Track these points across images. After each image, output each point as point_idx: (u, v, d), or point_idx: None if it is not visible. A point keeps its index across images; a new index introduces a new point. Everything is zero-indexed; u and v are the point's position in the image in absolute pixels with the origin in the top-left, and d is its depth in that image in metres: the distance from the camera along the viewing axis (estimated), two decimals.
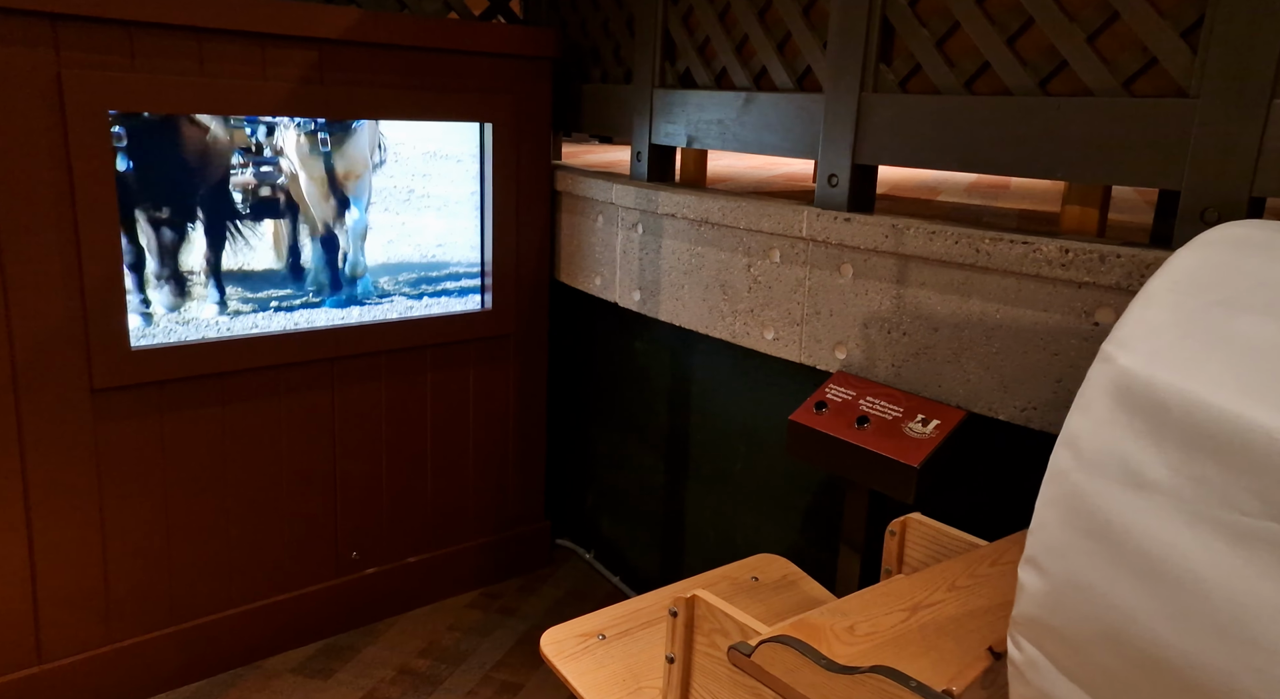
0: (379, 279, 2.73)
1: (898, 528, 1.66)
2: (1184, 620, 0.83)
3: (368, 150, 2.64)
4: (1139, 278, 1.51)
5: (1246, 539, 0.80)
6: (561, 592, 3.16)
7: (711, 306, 2.41)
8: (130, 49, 2.17)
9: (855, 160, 2.04)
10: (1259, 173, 1.43)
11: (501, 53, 2.76)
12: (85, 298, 2.20)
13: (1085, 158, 1.64)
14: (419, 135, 2.72)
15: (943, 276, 1.84)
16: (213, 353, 2.41)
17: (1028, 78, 1.72)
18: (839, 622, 1.23)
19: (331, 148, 2.57)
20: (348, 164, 2.62)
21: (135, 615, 2.46)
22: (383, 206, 2.69)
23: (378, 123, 2.62)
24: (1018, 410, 1.74)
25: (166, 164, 2.30)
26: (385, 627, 2.90)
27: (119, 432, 2.33)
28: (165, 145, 2.29)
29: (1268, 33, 1.39)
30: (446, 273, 2.86)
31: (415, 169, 2.74)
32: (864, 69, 1.99)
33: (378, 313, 2.73)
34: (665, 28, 2.59)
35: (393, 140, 2.67)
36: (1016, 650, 1.02)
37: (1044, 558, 0.96)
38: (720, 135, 2.43)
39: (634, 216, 2.66)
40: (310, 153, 2.54)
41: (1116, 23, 1.59)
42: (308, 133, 2.51)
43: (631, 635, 1.77)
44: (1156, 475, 0.87)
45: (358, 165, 2.63)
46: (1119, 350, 0.95)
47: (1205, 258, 1.00)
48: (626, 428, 3.09)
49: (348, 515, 2.79)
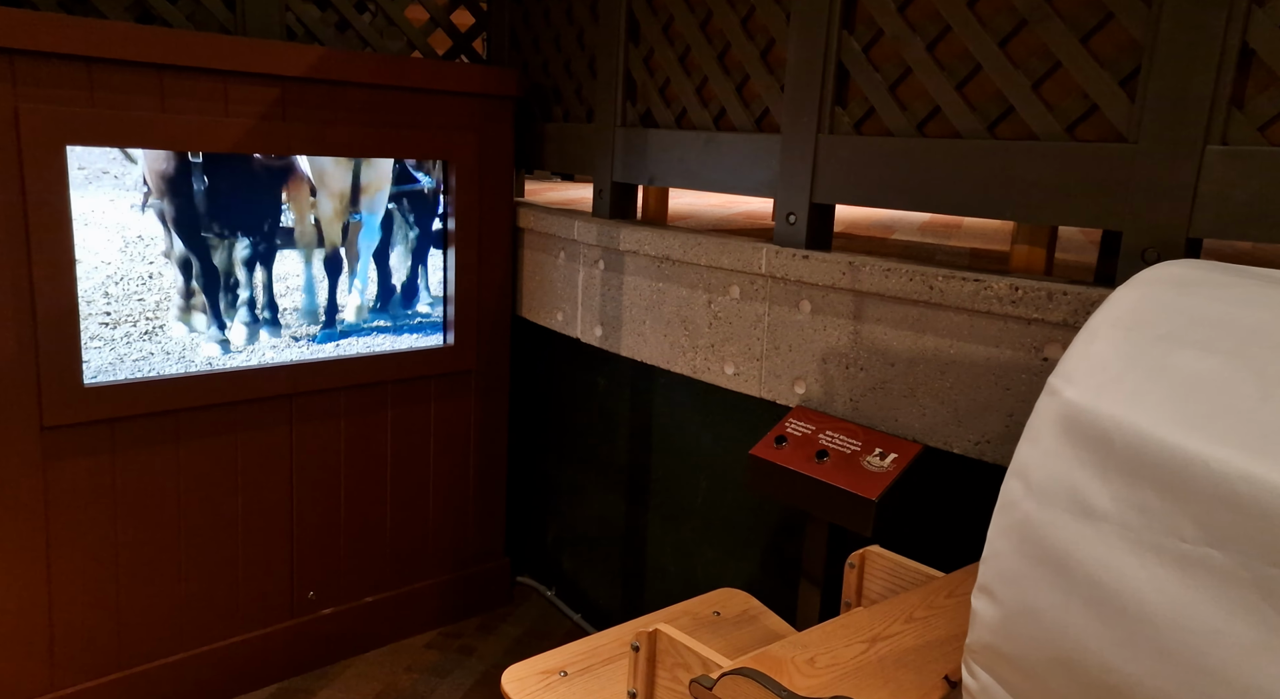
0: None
1: (857, 561, 1.68)
2: (1130, 645, 0.85)
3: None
4: (1085, 314, 1.56)
5: (1187, 565, 0.83)
6: (521, 630, 3.13)
7: (672, 342, 2.44)
8: (89, 84, 2.16)
9: (813, 199, 2.09)
10: (1195, 214, 1.49)
11: (464, 92, 2.79)
12: (38, 332, 2.16)
13: (1032, 199, 1.70)
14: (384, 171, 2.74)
15: (898, 313, 1.88)
16: (167, 389, 2.38)
17: (977, 122, 1.78)
18: (800, 654, 1.24)
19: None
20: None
21: (81, 660, 2.38)
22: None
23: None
24: (971, 444, 1.78)
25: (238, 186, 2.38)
26: (341, 669, 2.84)
27: (69, 471, 2.28)
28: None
29: (1201, 81, 1.46)
30: (415, 310, 2.87)
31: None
32: (820, 111, 2.05)
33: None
34: (627, 69, 2.64)
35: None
36: (971, 678, 1.04)
37: (996, 586, 0.98)
38: (681, 174, 2.48)
39: (596, 253, 2.69)
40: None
41: (1059, 71, 1.66)
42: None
43: (593, 672, 1.76)
44: (1102, 504, 0.90)
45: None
46: (1065, 384, 0.98)
47: (1145, 295, 1.04)
48: (588, 463, 3.08)
49: (304, 555, 2.75)
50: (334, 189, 2.66)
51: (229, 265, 2.49)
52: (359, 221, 2.72)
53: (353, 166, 2.67)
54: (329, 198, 2.65)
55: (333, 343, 2.72)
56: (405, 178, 2.80)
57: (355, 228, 2.72)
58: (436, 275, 2.91)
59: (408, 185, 2.80)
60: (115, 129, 2.19)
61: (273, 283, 2.58)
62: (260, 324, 2.57)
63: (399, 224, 2.80)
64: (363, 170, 2.70)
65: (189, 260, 2.42)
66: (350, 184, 2.69)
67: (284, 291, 2.60)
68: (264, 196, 2.52)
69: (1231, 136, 1.46)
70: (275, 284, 2.58)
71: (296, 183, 2.59)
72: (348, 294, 2.74)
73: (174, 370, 2.42)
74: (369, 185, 2.72)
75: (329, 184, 2.64)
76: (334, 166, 2.64)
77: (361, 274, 2.76)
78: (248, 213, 2.50)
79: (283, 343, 2.62)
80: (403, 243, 2.83)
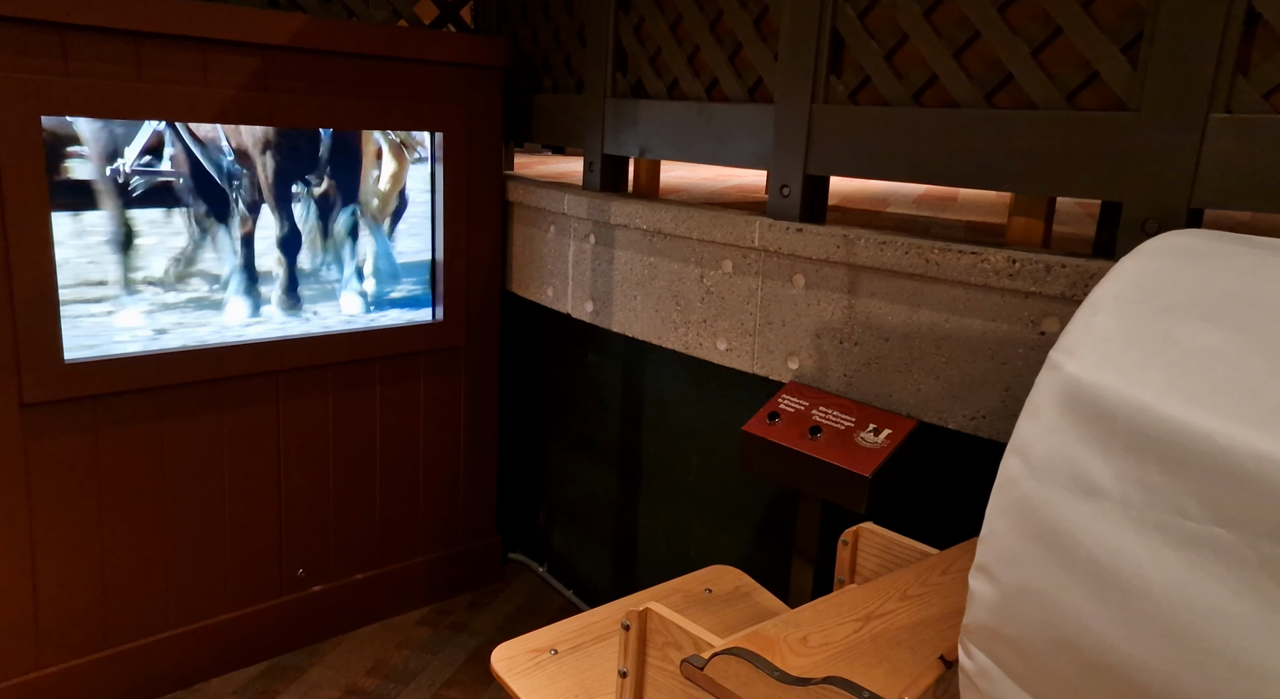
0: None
1: (850, 538, 1.66)
2: (1132, 626, 0.83)
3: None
4: (1083, 287, 1.53)
5: (1191, 544, 0.81)
6: (513, 607, 3.11)
7: (664, 317, 2.40)
8: (63, 52, 2.10)
9: (807, 171, 2.05)
10: (1197, 184, 1.46)
11: (452, 62, 2.73)
12: (16, 307, 2.12)
13: (1030, 170, 1.66)
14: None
15: (893, 287, 1.85)
16: (150, 365, 2.34)
17: (974, 91, 1.74)
18: (792, 633, 1.22)
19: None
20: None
21: (66, 639, 2.36)
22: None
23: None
24: (967, 419, 1.76)
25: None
26: (331, 646, 2.83)
27: (51, 448, 2.24)
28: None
29: (1205, 47, 1.42)
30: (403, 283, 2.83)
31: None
32: (814, 81, 2.01)
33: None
34: (617, 38, 2.58)
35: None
36: (967, 658, 1.02)
37: (995, 566, 0.96)
38: (673, 146, 2.43)
39: (586, 227, 2.65)
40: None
41: (1060, 37, 1.62)
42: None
43: (584, 650, 1.74)
44: (1104, 482, 0.88)
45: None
46: (1066, 358, 0.96)
47: (1149, 267, 1.01)
48: (579, 440, 3.06)
49: (293, 532, 2.72)
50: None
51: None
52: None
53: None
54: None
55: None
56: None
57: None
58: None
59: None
60: (91, 99, 2.13)
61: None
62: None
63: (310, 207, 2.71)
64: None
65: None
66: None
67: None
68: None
69: (1236, 104, 1.42)
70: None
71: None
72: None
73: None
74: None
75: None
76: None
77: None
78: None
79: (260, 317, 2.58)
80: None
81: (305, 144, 2.56)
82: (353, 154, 2.68)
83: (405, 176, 2.80)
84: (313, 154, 2.59)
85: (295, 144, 2.54)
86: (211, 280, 2.46)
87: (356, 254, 2.72)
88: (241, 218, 2.48)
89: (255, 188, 2.49)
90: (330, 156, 2.63)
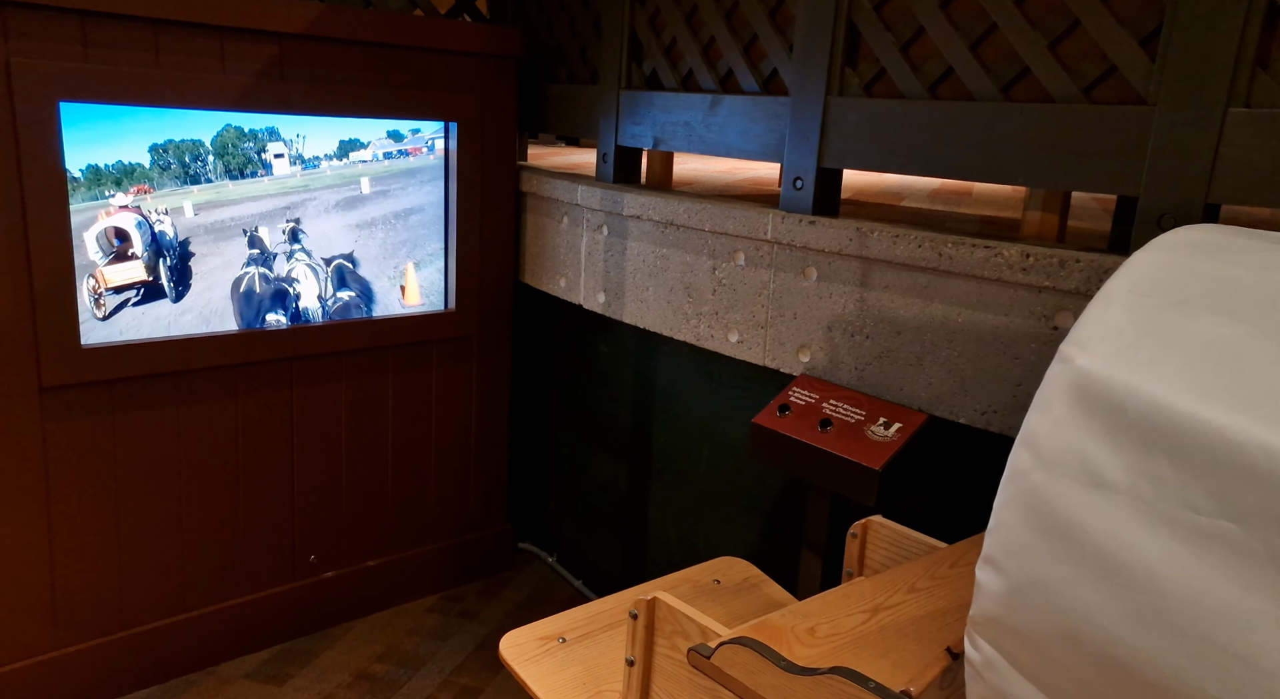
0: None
1: (859, 530, 1.66)
2: (1141, 619, 0.83)
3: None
4: (1098, 282, 1.52)
5: (1202, 538, 0.81)
6: (523, 595, 3.13)
7: (676, 309, 2.41)
8: (83, 39, 2.11)
9: (820, 163, 2.04)
10: (1215, 179, 1.45)
11: (466, 51, 2.73)
12: (34, 293, 2.14)
13: (1046, 163, 1.65)
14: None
15: (906, 280, 1.85)
16: (167, 351, 2.36)
17: (990, 83, 1.73)
18: (800, 623, 1.23)
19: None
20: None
21: (84, 620, 2.39)
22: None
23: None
24: (978, 413, 1.75)
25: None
26: (343, 631, 2.85)
27: (68, 432, 2.27)
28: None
29: (1224, 41, 1.41)
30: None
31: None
32: (829, 73, 2.00)
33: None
34: (632, 28, 2.58)
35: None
36: (974, 650, 1.02)
37: (1002, 558, 0.96)
38: (686, 137, 2.43)
39: (599, 218, 2.65)
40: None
41: (1077, 30, 1.61)
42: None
43: (592, 638, 1.75)
44: (1114, 475, 0.87)
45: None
46: (1078, 351, 0.95)
47: (1163, 260, 1.01)
48: (590, 430, 3.07)
49: (305, 518, 2.74)
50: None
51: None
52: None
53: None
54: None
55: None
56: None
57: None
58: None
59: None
60: (108, 85, 2.15)
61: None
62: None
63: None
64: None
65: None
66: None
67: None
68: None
69: (1255, 99, 1.41)
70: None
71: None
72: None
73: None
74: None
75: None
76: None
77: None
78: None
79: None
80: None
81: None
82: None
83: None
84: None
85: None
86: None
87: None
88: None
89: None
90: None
